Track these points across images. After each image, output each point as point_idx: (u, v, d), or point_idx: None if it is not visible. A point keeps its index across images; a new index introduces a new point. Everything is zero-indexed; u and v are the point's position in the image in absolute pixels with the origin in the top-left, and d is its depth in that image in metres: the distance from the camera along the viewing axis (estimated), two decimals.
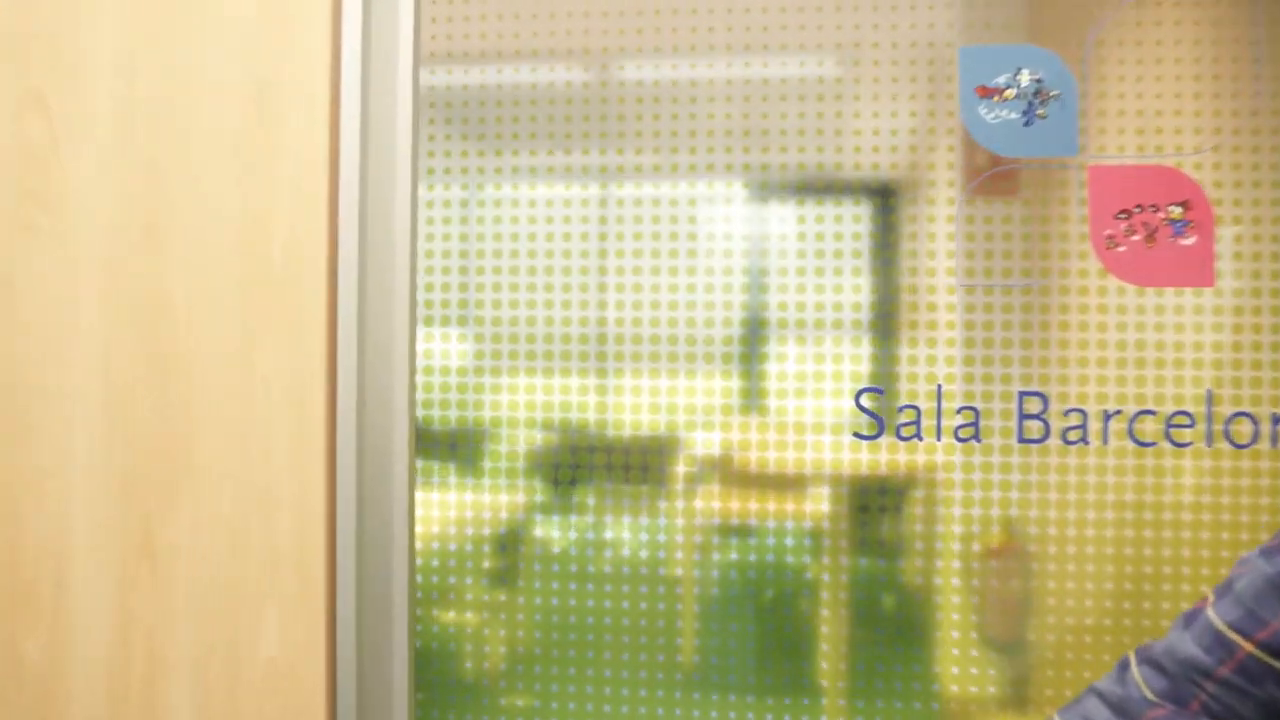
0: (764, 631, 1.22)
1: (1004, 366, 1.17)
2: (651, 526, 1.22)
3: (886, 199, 1.20)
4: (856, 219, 1.19)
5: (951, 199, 1.18)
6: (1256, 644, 0.78)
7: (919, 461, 1.19)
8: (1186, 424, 1.13)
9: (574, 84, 1.19)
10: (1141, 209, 1.14)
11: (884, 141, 1.19)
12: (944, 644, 1.17)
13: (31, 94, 1.34)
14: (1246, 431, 1.11)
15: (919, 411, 1.19)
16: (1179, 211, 1.13)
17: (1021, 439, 1.17)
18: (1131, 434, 1.14)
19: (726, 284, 1.22)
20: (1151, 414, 1.14)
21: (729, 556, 1.22)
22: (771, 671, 1.21)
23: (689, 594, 1.23)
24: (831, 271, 1.20)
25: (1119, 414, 1.14)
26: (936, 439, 1.18)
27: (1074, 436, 1.15)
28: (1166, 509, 1.14)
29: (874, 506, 1.20)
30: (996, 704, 1.16)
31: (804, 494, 1.21)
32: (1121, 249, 1.15)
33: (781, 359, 1.21)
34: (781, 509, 1.22)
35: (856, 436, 1.20)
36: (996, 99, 1.17)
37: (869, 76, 1.20)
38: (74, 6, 1.33)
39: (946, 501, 1.18)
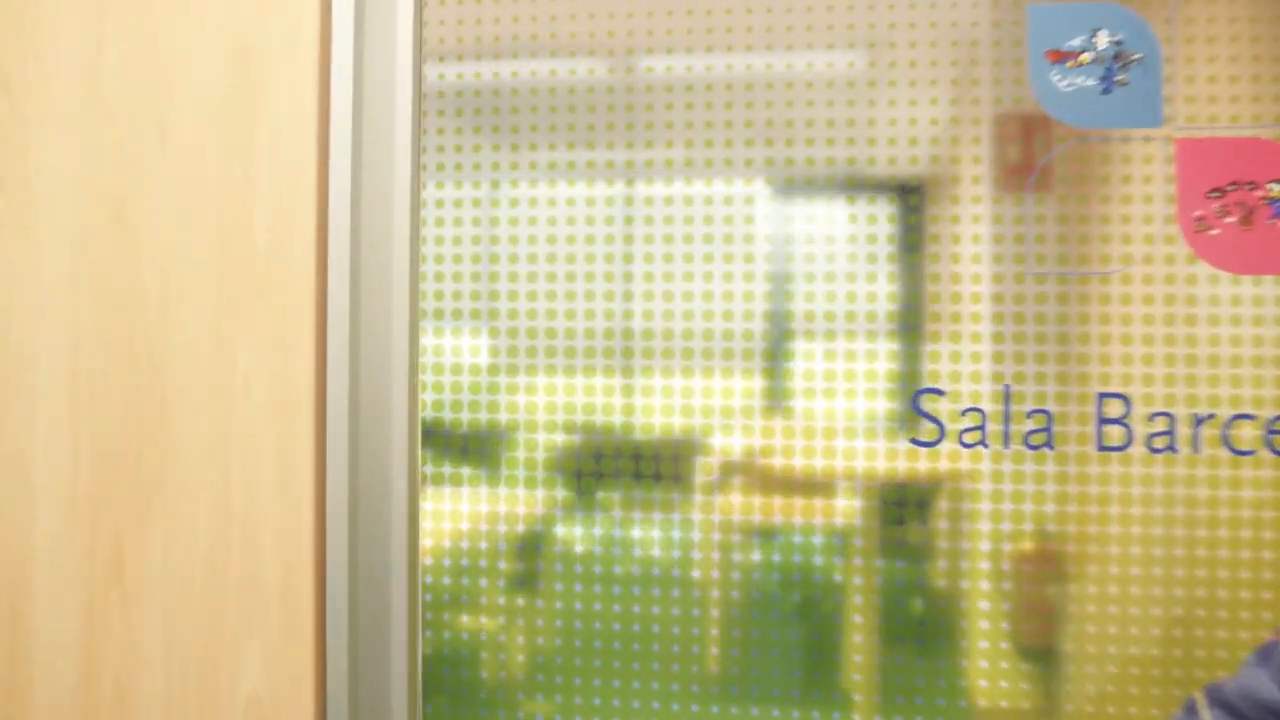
0: (797, 640, 1.09)
1: (1080, 365, 1.04)
2: (678, 530, 1.11)
3: (920, 193, 1.08)
4: (891, 215, 1.07)
5: (978, 196, 1.06)
6: None
7: (983, 470, 1.06)
8: None
9: (595, 79, 1.11)
10: (1237, 186, 1.01)
11: (921, 133, 1.06)
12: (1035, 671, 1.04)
13: None
14: None
15: (984, 415, 1.06)
16: None
17: (1101, 446, 1.03)
18: (1226, 441, 1.01)
19: (768, 281, 1.09)
20: (1250, 418, 1.01)
21: (757, 560, 1.11)
22: (800, 682, 1.09)
23: (719, 600, 1.11)
24: (866, 268, 1.08)
25: (1212, 418, 1.01)
26: (1004, 446, 1.05)
27: (1160, 444, 1.02)
28: (1266, 526, 1.01)
29: (923, 515, 1.07)
30: (1036, 716, 1.03)
31: (847, 500, 1.08)
32: (1214, 232, 1.01)
33: (829, 357, 1.08)
34: (815, 512, 1.10)
35: (915, 443, 1.07)
36: (1070, 64, 1.04)
37: (898, 69, 1.07)
38: None
39: (1015, 516, 1.05)
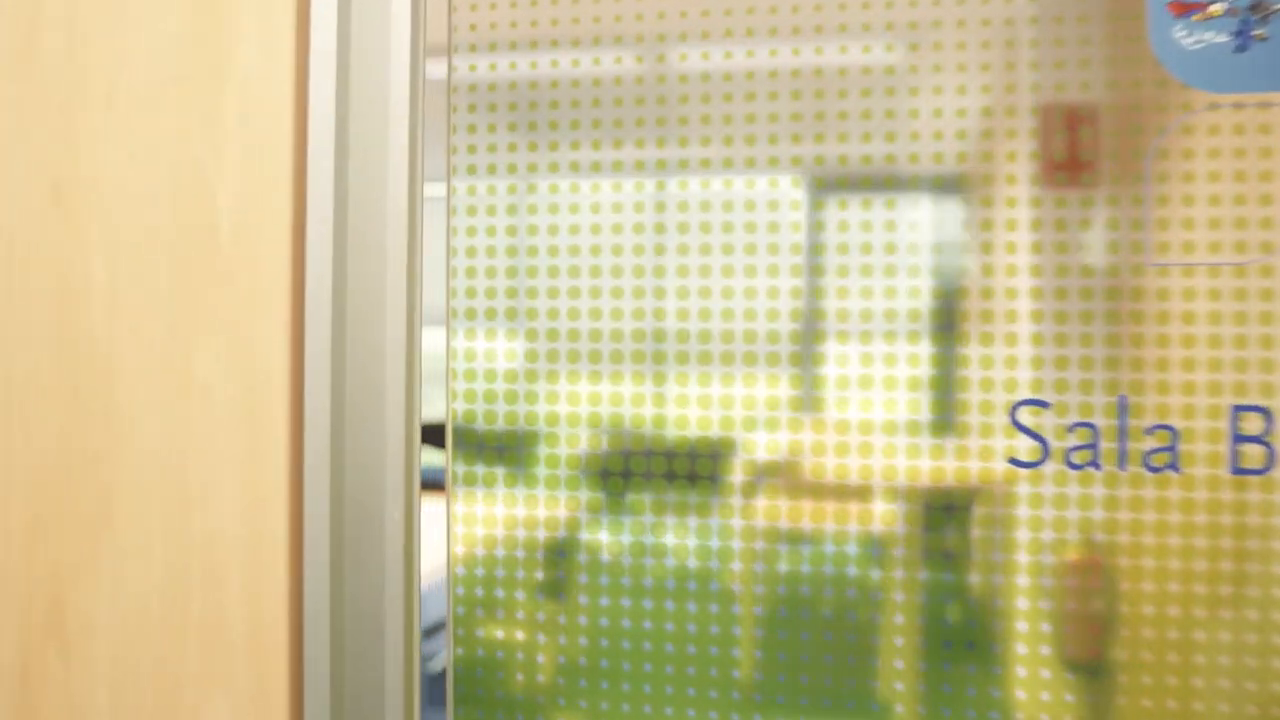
0: (844, 650, 0.94)
1: (1210, 372, 0.88)
2: (711, 534, 0.98)
3: (989, 183, 0.92)
4: (936, 211, 0.92)
5: (1011, 198, 0.90)
6: None
7: (1095, 495, 0.90)
8: None
9: (624, 74, 1.00)
10: None
11: (971, 126, 0.91)
12: None
13: None
14: None
15: (1095, 431, 0.89)
16: None
17: (1236, 469, 0.87)
18: None
19: (868, 279, 0.93)
20: None
21: (805, 571, 0.98)
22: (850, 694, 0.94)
23: (754, 608, 0.97)
24: (935, 263, 0.92)
25: None
26: (1119, 467, 0.89)
27: None
28: None
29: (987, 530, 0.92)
30: None
31: (904, 509, 0.93)
32: None
33: (890, 361, 0.93)
34: (864, 518, 0.95)
35: (1014, 464, 0.91)
36: (1198, 17, 0.88)
37: (937, 61, 0.92)
38: None
39: (1134, 550, 0.89)
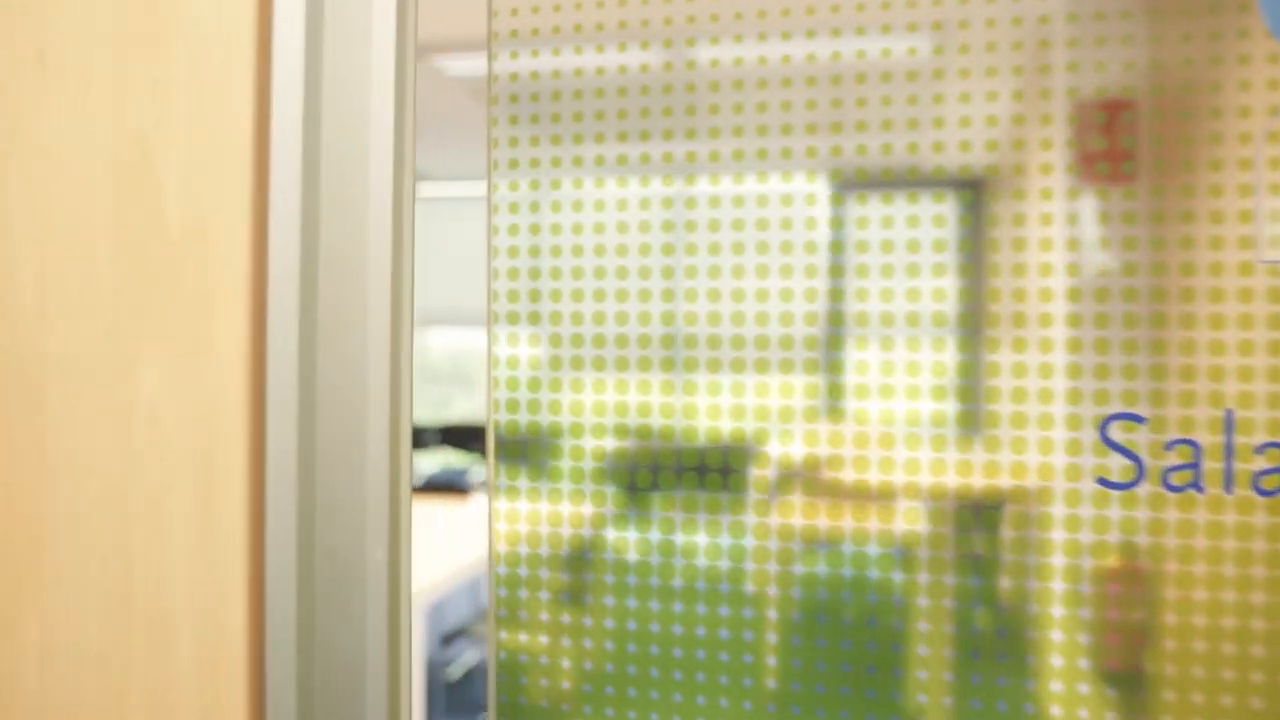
0: (885, 662, 0.84)
1: None
2: (738, 540, 0.91)
3: (990, 184, 0.84)
4: (961, 207, 0.83)
5: (1049, 191, 0.82)
6: None
7: (1197, 521, 0.80)
8: None
9: (644, 69, 0.93)
10: None
11: (1003, 114, 0.82)
12: None
13: None
14: None
15: (1197, 450, 0.79)
16: None
17: None
18: None
19: (893, 280, 0.83)
20: None
21: (827, 575, 0.90)
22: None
23: (781, 615, 0.91)
24: (994, 260, 0.83)
25: None
26: (1225, 490, 0.79)
27: None
28: None
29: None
30: None
31: (950, 519, 0.83)
32: None
33: (940, 371, 0.82)
34: (886, 525, 0.85)
35: (1103, 484, 0.80)
36: None
37: (967, 57, 0.83)
38: None
39: (1242, 582, 0.79)
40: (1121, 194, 0.81)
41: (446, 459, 7.64)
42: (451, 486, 4.67)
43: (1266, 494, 0.79)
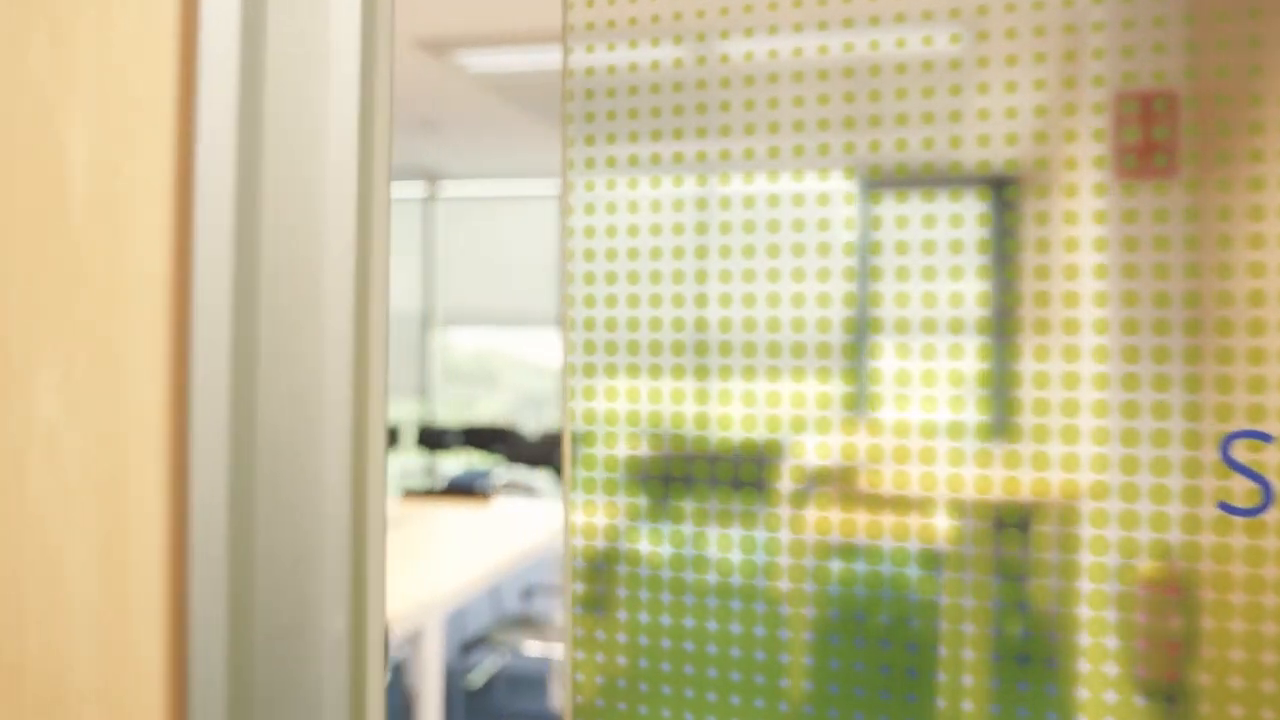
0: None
1: None
2: (765, 544, 0.86)
3: (1033, 180, 0.71)
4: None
5: (1101, 186, 0.69)
6: None
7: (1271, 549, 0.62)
8: None
9: (673, 64, 0.88)
10: None
11: (1035, 106, 0.70)
12: None
13: None
14: None
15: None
16: None
17: None
18: None
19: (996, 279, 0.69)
20: None
21: (855, 582, 0.84)
22: None
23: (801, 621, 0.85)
24: (1034, 266, 0.71)
25: None
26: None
27: None
28: None
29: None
30: None
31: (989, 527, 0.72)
32: None
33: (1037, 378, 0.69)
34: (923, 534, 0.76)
35: (1225, 509, 0.67)
36: None
37: (992, 45, 0.71)
38: None
39: None
40: (1190, 185, 0.68)
41: (469, 460, 7.52)
42: (473, 490, 4.57)
43: None
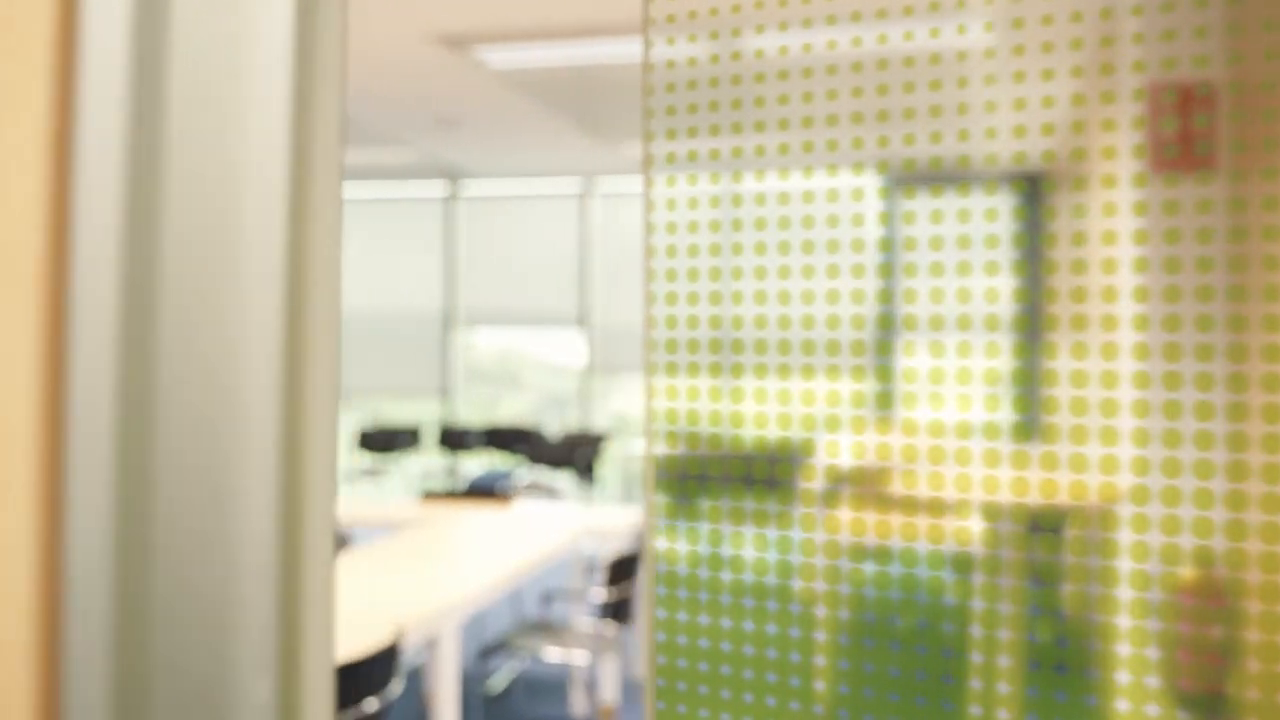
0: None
1: None
2: (792, 546, 0.88)
3: (1062, 175, 0.77)
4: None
5: (1141, 178, 0.63)
6: None
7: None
8: None
9: (691, 59, 0.89)
10: None
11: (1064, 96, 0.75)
12: None
13: None
14: None
15: None
16: None
17: None
18: None
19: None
20: None
21: (888, 585, 0.86)
22: None
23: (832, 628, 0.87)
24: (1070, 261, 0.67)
25: None
26: None
27: None
28: None
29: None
30: None
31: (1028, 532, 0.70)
32: None
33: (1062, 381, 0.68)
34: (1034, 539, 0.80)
35: None
36: None
37: (1022, 33, 0.78)
38: None
39: None
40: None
41: (491, 461, 7.50)
42: (493, 492, 4.53)
43: None
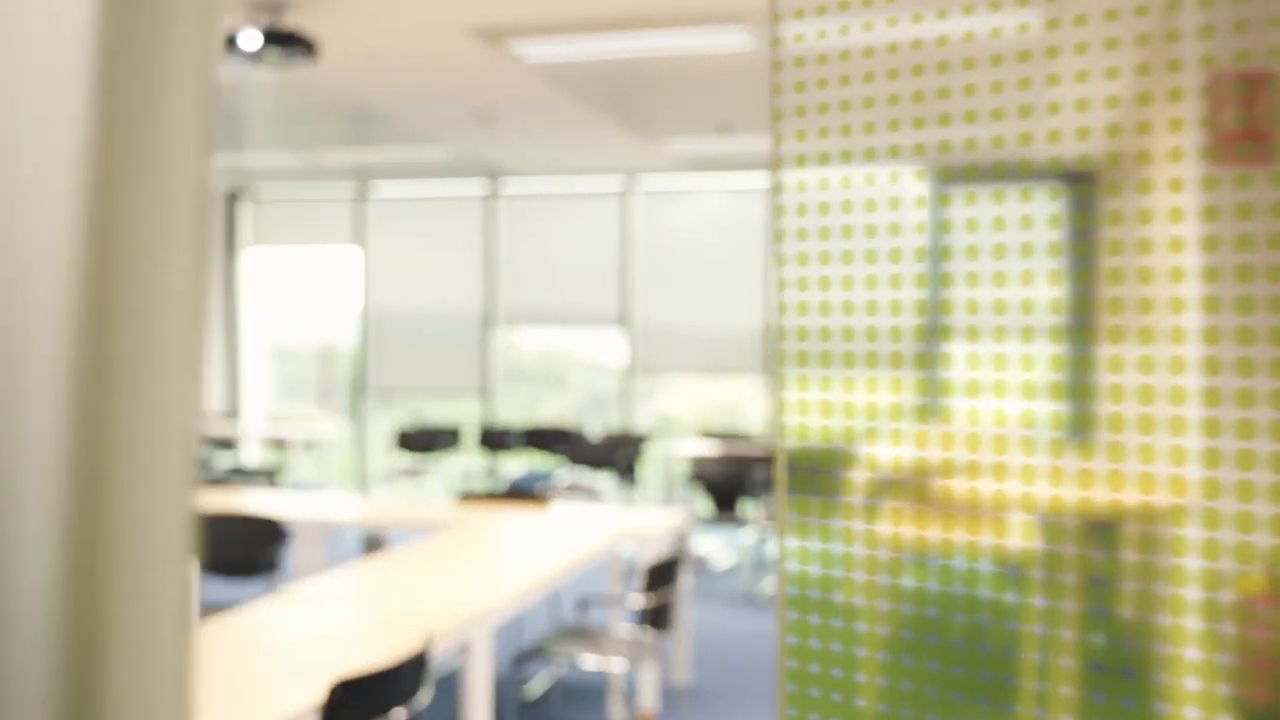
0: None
1: None
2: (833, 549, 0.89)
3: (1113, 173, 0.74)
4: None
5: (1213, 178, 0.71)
6: None
7: None
8: None
9: (734, 52, 0.78)
10: None
11: (1123, 93, 0.72)
12: None
13: None
14: None
15: None
16: None
17: None
18: None
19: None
20: None
21: (928, 589, 0.90)
22: None
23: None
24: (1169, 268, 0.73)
25: None
26: None
27: None
28: None
29: None
30: None
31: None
32: None
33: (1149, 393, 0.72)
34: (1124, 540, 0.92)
35: None
36: None
37: (1082, 29, 0.74)
38: None
39: None
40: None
41: (531, 462, 7.60)
42: (531, 493, 4.49)
43: None
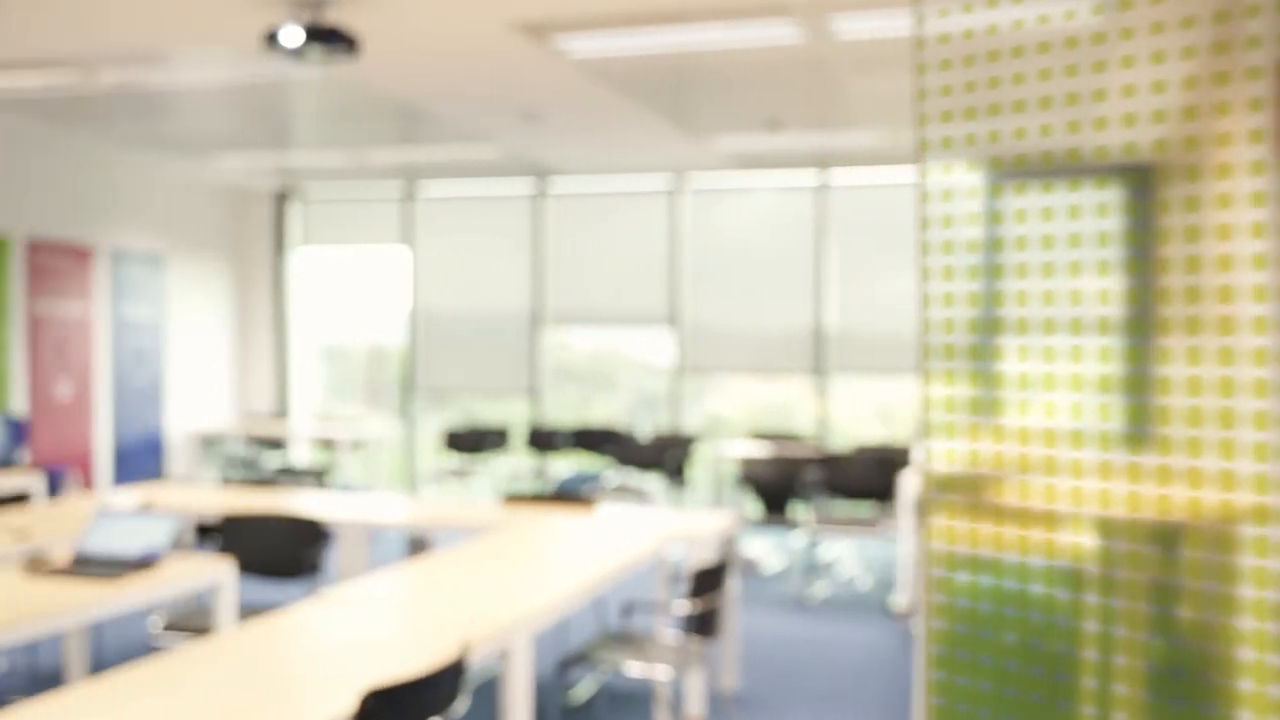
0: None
1: None
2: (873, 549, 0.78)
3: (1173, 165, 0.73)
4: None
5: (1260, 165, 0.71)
6: None
7: None
8: None
9: (783, 45, 0.77)
10: None
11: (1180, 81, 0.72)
12: None
13: None
14: None
15: None
16: None
17: None
18: None
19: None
20: None
21: (982, 592, 0.91)
22: None
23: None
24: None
25: None
26: None
27: None
28: None
29: None
30: None
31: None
32: None
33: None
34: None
35: None
36: None
37: (1135, 14, 0.73)
38: None
39: None
40: None
41: (580, 462, 7.61)
42: (577, 495, 4.41)
43: None
